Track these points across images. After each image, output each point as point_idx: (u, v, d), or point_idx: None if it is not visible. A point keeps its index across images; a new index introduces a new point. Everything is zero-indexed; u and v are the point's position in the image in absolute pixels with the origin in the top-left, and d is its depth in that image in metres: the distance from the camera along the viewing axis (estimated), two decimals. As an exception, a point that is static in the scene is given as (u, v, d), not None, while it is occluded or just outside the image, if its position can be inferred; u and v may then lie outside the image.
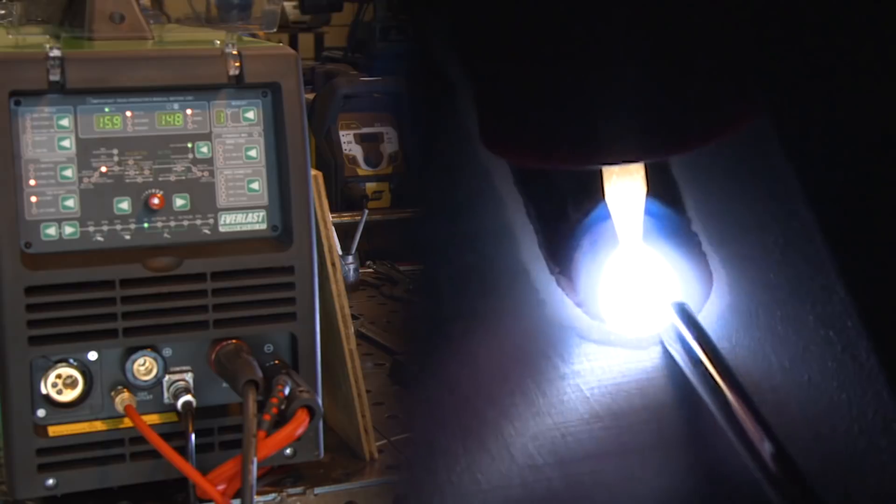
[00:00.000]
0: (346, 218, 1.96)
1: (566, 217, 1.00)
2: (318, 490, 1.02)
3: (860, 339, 0.86)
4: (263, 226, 1.00)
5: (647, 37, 0.87)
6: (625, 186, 0.95)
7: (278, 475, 1.03)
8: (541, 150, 0.93)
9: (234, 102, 0.99)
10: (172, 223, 0.97)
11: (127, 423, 0.95)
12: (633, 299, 0.97)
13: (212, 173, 0.98)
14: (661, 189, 0.98)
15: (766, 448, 0.86)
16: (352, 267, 1.70)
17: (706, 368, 0.91)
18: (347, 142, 2.13)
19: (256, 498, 0.90)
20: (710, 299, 0.97)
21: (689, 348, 0.93)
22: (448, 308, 0.98)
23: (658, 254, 0.97)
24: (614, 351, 0.97)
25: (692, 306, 0.96)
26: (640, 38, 0.87)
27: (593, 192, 0.97)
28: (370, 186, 2.11)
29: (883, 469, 0.85)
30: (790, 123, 0.89)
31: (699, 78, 0.90)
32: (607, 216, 0.97)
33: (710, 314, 0.96)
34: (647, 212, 0.97)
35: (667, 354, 0.96)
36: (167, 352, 0.97)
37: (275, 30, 1.22)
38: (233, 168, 0.99)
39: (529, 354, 0.96)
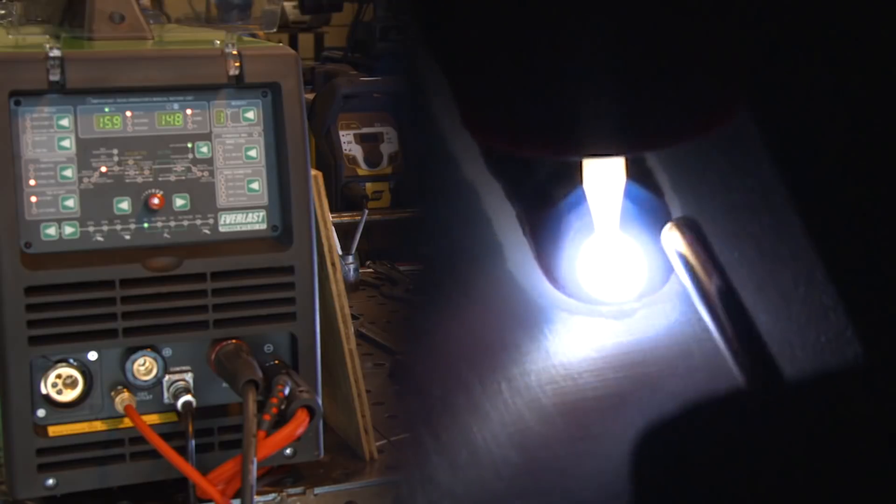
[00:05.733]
0: (346, 218, 1.97)
1: (546, 199, 1.01)
2: (318, 490, 1.02)
3: (844, 320, 0.87)
4: (263, 226, 1.00)
5: (630, 31, 0.88)
6: (603, 174, 0.96)
7: (278, 475, 1.03)
8: (521, 138, 0.93)
9: (234, 102, 0.99)
10: (172, 223, 0.97)
11: (127, 423, 0.95)
12: (609, 278, 0.99)
13: (212, 173, 0.98)
14: (639, 176, 0.99)
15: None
16: (352, 267, 1.70)
17: (704, 285, 0.92)
18: (347, 142, 2.13)
19: (256, 498, 0.90)
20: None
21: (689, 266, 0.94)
22: (424, 291, 0.99)
23: (633, 239, 0.99)
24: (588, 324, 0.99)
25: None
26: (624, 32, 0.87)
27: (573, 175, 0.98)
28: (370, 186, 2.12)
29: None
30: (770, 118, 0.90)
31: (682, 74, 0.90)
32: (585, 199, 0.98)
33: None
34: (626, 195, 0.98)
35: (644, 325, 0.98)
36: (167, 352, 0.97)
37: (275, 30, 1.22)
38: (233, 168, 0.99)
39: (504, 334, 0.97)
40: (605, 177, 0.96)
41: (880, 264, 0.86)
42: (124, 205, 0.96)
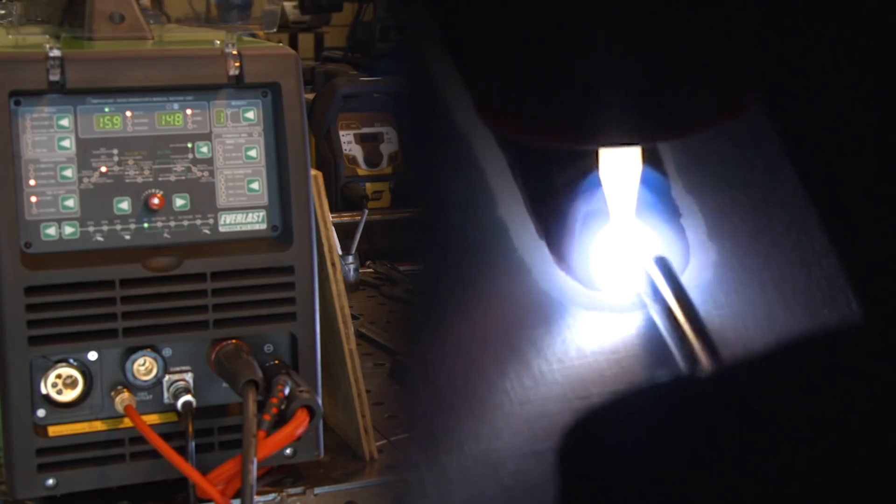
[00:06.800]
0: (346, 218, 1.96)
1: (556, 186, 1.00)
2: (317, 490, 1.02)
3: (836, 267, 0.87)
4: (263, 226, 1.00)
5: (647, 19, 0.87)
6: (619, 162, 0.96)
7: (278, 475, 1.03)
8: (537, 127, 0.93)
9: (234, 102, 0.99)
10: (172, 223, 0.97)
11: (127, 423, 0.95)
12: (623, 268, 0.98)
13: (212, 173, 0.98)
14: (653, 164, 0.99)
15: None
16: (352, 267, 1.70)
17: (679, 324, 0.92)
18: (347, 142, 2.13)
19: (256, 498, 0.90)
20: (698, 269, 0.98)
21: (664, 303, 0.93)
22: (434, 283, 0.99)
23: (648, 227, 0.98)
24: (603, 317, 0.98)
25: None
26: (641, 19, 0.87)
27: (586, 162, 0.98)
28: (370, 186, 2.11)
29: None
30: (783, 111, 0.90)
31: (699, 63, 0.90)
32: (598, 186, 0.98)
33: (696, 282, 0.97)
34: (643, 182, 0.97)
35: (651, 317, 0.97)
36: (167, 352, 0.97)
37: (275, 30, 1.23)
38: (233, 168, 0.99)
39: (518, 325, 0.97)
40: (621, 165, 0.96)
41: (872, 211, 0.86)
42: (124, 205, 0.96)
